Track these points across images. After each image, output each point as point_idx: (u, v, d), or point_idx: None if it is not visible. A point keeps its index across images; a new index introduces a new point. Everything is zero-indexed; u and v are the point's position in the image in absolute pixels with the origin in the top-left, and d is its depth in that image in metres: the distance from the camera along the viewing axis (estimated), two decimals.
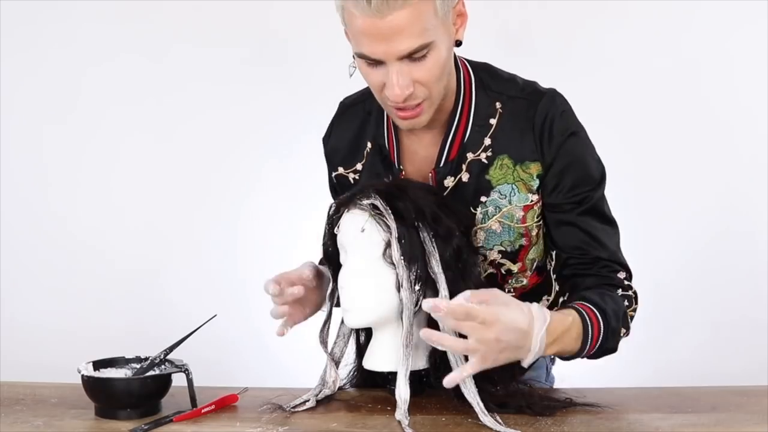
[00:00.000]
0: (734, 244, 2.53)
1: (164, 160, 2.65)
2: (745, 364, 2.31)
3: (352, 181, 1.46)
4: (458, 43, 1.30)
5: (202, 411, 1.24)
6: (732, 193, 2.53)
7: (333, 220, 1.29)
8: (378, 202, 1.24)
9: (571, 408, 1.24)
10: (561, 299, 1.39)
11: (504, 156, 1.34)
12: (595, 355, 1.27)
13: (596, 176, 1.35)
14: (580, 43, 2.53)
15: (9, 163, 2.66)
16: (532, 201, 1.35)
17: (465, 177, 1.36)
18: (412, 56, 1.21)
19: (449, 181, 1.36)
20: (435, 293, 1.23)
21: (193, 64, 2.63)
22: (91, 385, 1.24)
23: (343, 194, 1.32)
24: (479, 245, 1.38)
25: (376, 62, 1.23)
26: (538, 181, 1.34)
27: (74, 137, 2.66)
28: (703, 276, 2.52)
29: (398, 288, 1.23)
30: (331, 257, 1.32)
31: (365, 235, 1.24)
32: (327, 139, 1.51)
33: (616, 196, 1.41)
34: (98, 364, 1.29)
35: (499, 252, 1.39)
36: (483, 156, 1.35)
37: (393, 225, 1.22)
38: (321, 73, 2.57)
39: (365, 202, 1.25)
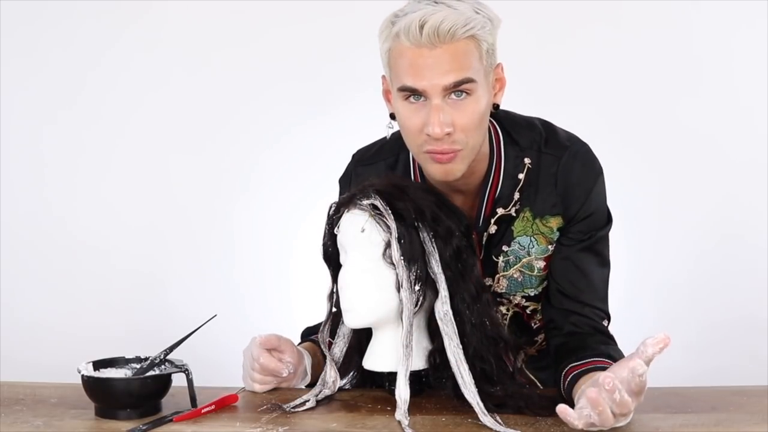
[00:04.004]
0: (734, 245, 2.53)
1: (164, 160, 2.65)
2: (745, 364, 2.31)
3: None
4: (496, 107, 1.33)
5: (202, 411, 1.24)
6: (732, 193, 2.52)
7: (333, 220, 1.30)
8: (378, 202, 1.24)
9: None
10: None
11: (527, 209, 1.37)
12: None
13: (605, 221, 1.39)
14: (580, 44, 2.53)
15: (9, 164, 2.66)
16: (552, 252, 1.38)
17: (492, 229, 1.38)
18: (454, 93, 1.23)
19: (483, 237, 1.38)
20: (435, 293, 1.24)
21: (193, 65, 2.63)
22: (91, 385, 1.24)
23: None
24: (502, 291, 1.41)
25: (417, 99, 1.25)
26: (558, 234, 1.37)
27: (74, 137, 2.66)
28: (703, 276, 2.51)
29: (398, 288, 1.23)
30: (331, 257, 1.32)
31: (365, 235, 1.24)
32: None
33: (617, 199, 1.42)
34: (98, 364, 1.29)
35: (523, 297, 1.42)
36: (513, 210, 1.37)
37: (393, 225, 1.22)
38: (320, 74, 2.58)
39: (365, 202, 1.25)
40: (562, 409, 1.08)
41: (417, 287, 1.23)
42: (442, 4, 1.22)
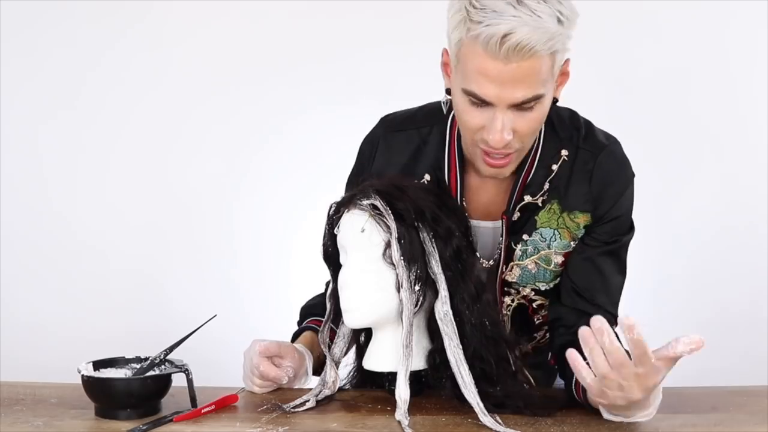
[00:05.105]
0: (734, 244, 2.53)
1: (164, 160, 2.65)
2: (745, 364, 2.31)
3: None
4: (555, 100, 1.30)
5: (202, 411, 1.24)
6: (732, 192, 2.52)
7: (333, 221, 1.29)
8: (378, 203, 1.24)
9: (571, 408, 1.24)
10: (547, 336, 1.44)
11: (554, 201, 1.36)
12: None
13: (628, 226, 1.38)
14: (582, 43, 2.52)
15: (9, 163, 2.66)
16: (572, 249, 1.37)
17: (515, 216, 1.36)
18: (521, 105, 1.20)
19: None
20: (435, 293, 1.23)
21: (192, 65, 2.63)
22: (91, 385, 1.24)
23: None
24: (513, 280, 1.39)
25: (482, 104, 1.21)
26: (583, 231, 1.36)
27: (74, 137, 2.66)
28: (702, 276, 2.51)
29: (398, 288, 1.23)
30: (331, 257, 1.32)
31: (365, 236, 1.24)
32: (371, 160, 1.44)
33: None
34: (98, 364, 1.29)
35: (533, 290, 1.40)
36: (540, 200, 1.36)
37: (393, 225, 1.22)
38: (320, 73, 2.58)
39: (365, 202, 1.25)
40: (570, 353, 1.06)
41: (417, 287, 1.23)
42: (525, 7, 1.14)
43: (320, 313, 1.39)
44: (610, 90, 2.50)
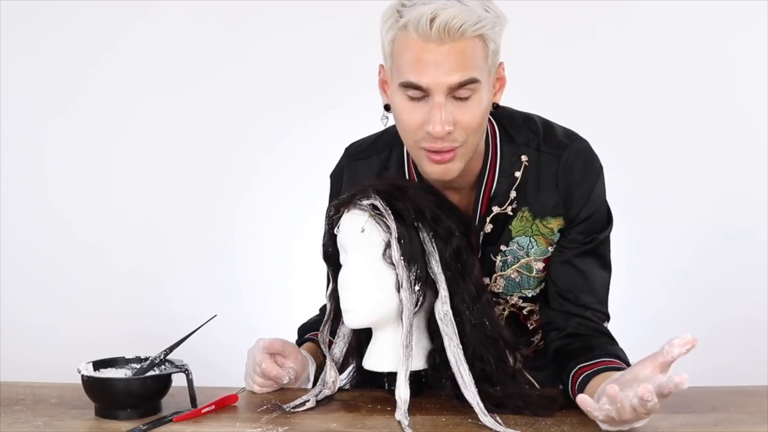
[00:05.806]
0: (734, 245, 2.52)
1: (164, 160, 2.65)
2: (745, 364, 2.31)
3: None
4: (495, 106, 1.30)
5: (202, 411, 1.24)
6: (732, 193, 2.52)
7: (333, 221, 1.30)
8: (378, 203, 1.24)
9: (571, 408, 1.24)
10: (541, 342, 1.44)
11: (525, 208, 1.35)
12: None
13: (605, 221, 1.37)
14: (582, 43, 2.53)
15: (9, 163, 2.66)
16: (551, 253, 1.36)
17: (488, 228, 1.36)
18: (457, 92, 1.21)
19: (480, 236, 1.37)
20: (435, 293, 1.24)
21: (194, 66, 2.63)
22: (91, 385, 1.24)
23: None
24: (499, 291, 1.39)
25: (419, 97, 1.22)
26: (558, 235, 1.36)
27: (74, 137, 2.66)
28: (703, 276, 2.51)
29: (398, 288, 1.23)
30: (331, 258, 1.32)
31: (365, 236, 1.24)
32: (338, 190, 1.45)
33: (617, 198, 1.42)
34: (98, 364, 1.29)
35: (520, 297, 1.41)
36: (509, 209, 1.35)
37: (393, 225, 1.22)
38: (318, 73, 2.58)
39: (365, 202, 1.25)
40: (582, 398, 1.07)
41: (417, 287, 1.23)
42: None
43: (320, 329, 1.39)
44: (611, 95, 2.50)
